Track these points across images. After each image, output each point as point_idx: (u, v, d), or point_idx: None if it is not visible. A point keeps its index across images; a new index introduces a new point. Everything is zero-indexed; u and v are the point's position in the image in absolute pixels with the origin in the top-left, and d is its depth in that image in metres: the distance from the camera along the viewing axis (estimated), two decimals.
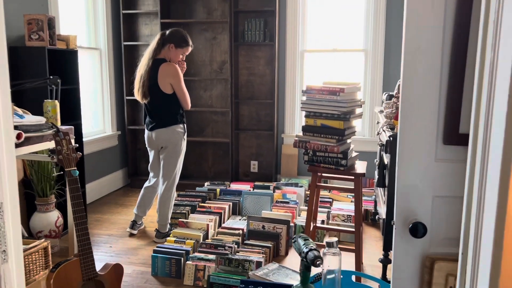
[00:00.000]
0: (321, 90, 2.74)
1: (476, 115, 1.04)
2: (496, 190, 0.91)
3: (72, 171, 1.85)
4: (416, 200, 1.45)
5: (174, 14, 4.82)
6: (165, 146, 3.36)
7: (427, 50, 1.36)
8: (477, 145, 1.02)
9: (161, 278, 2.93)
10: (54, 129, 1.95)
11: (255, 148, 4.92)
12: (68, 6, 4.12)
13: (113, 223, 3.91)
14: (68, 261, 1.83)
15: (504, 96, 0.87)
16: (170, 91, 3.27)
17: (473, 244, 1.03)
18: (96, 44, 4.58)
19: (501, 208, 0.89)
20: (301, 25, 4.69)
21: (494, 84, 0.93)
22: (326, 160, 2.78)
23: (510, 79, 0.86)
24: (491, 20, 0.96)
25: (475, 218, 1.02)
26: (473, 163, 1.04)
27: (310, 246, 1.41)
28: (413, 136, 1.41)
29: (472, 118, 1.06)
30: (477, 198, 1.01)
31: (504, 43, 0.90)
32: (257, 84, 4.81)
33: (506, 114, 0.87)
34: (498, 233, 0.91)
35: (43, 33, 3.30)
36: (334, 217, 3.73)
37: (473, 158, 1.05)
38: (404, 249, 1.49)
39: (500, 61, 0.91)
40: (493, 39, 0.94)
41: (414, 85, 1.37)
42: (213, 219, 3.54)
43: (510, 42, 0.86)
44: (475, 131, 1.04)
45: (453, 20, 1.31)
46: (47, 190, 3.16)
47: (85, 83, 4.33)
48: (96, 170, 4.53)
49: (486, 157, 0.97)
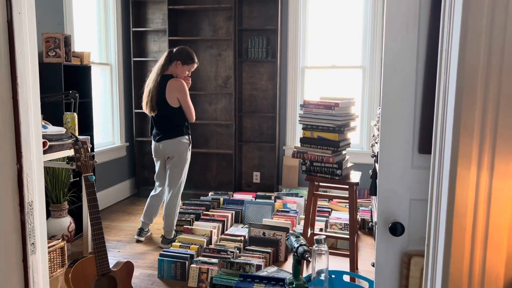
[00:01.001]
0: (317, 104, 2.94)
1: (435, 128, 1.23)
2: (447, 192, 1.10)
3: (89, 176, 2.05)
4: (395, 203, 1.63)
5: (181, 32, 5.08)
6: (171, 156, 3.57)
7: (403, 71, 1.55)
8: (436, 154, 1.22)
9: (167, 280, 3.10)
10: (73, 138, 2.16)
11: (257, 160, 5.12)
12: (82, 24, 4.38)
13: (121, 229, 4.11)
14: (84, 257, 2.02)
15: (451, 112, 1.07)
16: (177, 104, 3.50)
17: (433, 236, 1.22)
18: (107, 59, 4.84)
19: (450, 205, 1.09)
20: (302, 42, 4.92)
21: (447, 101, 1.13)
22: (323, 170, 2.97)
23: (455, 98, 1.06)
24: (444, 48, 1.17)
25: (434, 215, 1.21)
26: (433, 170, 1.24)
27: (301, 242, 1.60)
28: (392, 146, 1.60)
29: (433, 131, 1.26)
30: (436, 199, 1.21)
31: (453, 68, 1.10)
32: (259, 98, 5.04)
33: (452, 127, 1.06)
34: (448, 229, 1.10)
35: (59, 50, 3.55)
36: (332, 225, 3.90)
37: (433, 165, 1.24)
38: (385, 246, 1.67)
39: (451, 82, 1.11)
40: (445, 63, 1.15)
41: (392, 102, 1.57)
42: (217, 226, 3.72)
43: (455, 68, 1.06)
44: (435, 142, 1.24)
45: (426, 44, 1.50)
46: (60, 197, 3.36)
47: (96, 97, 4.56)
48: (106, 180, 4.73)
49: (441, 164, 1.16)
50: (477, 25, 1.01)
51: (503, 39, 0.99)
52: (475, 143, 1.04)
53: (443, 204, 1.15)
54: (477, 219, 1.06)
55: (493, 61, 1.01)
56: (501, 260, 1.06)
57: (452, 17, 1.09)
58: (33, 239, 1.56)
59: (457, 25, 1.05)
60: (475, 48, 1.02)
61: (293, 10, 4.83)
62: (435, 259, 1.20)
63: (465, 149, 1.05)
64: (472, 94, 1.03)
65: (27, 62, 1.46)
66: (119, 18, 4.89)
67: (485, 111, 1.03)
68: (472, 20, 1.01)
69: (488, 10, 1.00)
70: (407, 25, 1.54)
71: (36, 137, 1.57)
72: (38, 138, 1.61)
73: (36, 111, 1.58)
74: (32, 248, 1.57)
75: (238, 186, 5.11)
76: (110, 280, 2.06)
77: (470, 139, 1.04)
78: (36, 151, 1.56)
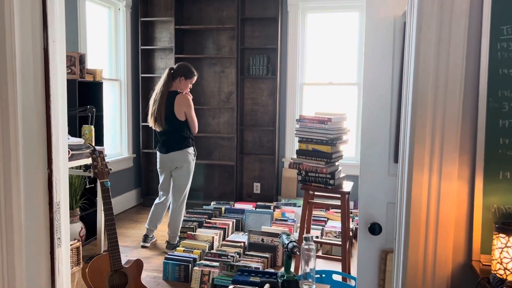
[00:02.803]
0: (312, 119, 3.20)
1: (401, 141, 1.48)
2: (405, 193, 1.34)
3: (105, 182, 2.30)
4: (374, 206, 1.87)
5: (187, 50, 5.38)
6: (179, 166, 3.83)
7: (380, 92, 1.80)
8: (399, 163, 1.46)
9: (171, 282, 3.33)
10: (91, 148, 2.42)
11: (258, 171, 5.37)
12: (94, 42, 4.68)
13: (128, 236, 4.34)
14: (99, 255, 2.26)
15: (408, 128, 1.33)
16: (184, 118, 3.77)
17: (398, 231, 1.46)
18: (117, 75, 5.13)
19: (408, 203, 1.33)
20: (300, 61, 5.21)
21: (406, 119, 1.38)
22: (317, 180, 3.21)
23: (410, 117, 1.31)
24: (404, 78, 1.42)
25: (399, 213, 1.45)
26: (398, 176, 1.48)
27: (291, 239, 1.84)
28: (371, 156, 1.84)
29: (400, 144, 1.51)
30: (399, 199, 1.45)
31: (410, 94, 1.35)
32: (260, 113, 5.30)
33: (409, 139, 1.31)
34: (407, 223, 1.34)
35: (75, 67, 3.83)
36: (327, 233, 4.12)
37: (398, 172, 1.49)
38: (365, 244, 1.90)
39: (408, 104, 1.36)
40: (405, 90, 1.40)
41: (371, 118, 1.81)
42: (218, 233, 3.95)
43: (410, 94, 1.32)
44: (400, 153, 1.48)
45: (399, 70, 1.75)
46: (73, 203, 3.61)
47: (106, 110, 4.84)
48: (113, 189, 4.97)
49: (403, 170, 1.41)
50: (426, 57, 1.27)
51: (446, 70, 1.25)
52: (427, 152, 1.29)
53: (404, 203, 1.39)
54: (429, 214, 1.31)
55: (440, 88, 1.26)
56: (449, 247, 1.30)
57: (410, 52, 1.35)
58: (59, 234, 1.81)
59: (412, 60, 1.31)
60: (425, 77, 1.27)
61: (292, 30, 5.13)
62: (399, 249, 1.44)
63: (418, 157, 1.30)
64: (423, 114, 1.29)
65: (58, 82, 1.72)
66: (129, 37, 5.19)
67: (434, 126, 1.28)
68: (423, 53, 1.27)
69: (435, 45, 1.25)
70: (383, 54, 1.80)
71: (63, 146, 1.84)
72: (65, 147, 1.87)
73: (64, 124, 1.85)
74: (58, 242, 1.82)
75: (239, 196, 5.35)
76: (122, 275, 2.30)
77: (422, 149, 1.29)
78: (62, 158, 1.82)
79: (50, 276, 1.81)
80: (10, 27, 1.52)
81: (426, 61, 1.26)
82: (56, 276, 1.81)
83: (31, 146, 1.61)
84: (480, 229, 1.24)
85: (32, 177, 1.64)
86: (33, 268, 1.71)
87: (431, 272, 1.32)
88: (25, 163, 1.59)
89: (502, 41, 1.19)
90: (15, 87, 1.54)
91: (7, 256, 1.65)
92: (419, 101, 1.29)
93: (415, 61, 1.28)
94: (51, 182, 1.73)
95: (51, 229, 1.77)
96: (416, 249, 1.33)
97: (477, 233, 1.25)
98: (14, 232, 1.64)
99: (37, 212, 1.69)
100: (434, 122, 1.28)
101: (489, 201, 1.23)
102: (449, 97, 1.26)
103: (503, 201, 1.21)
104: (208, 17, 5.28)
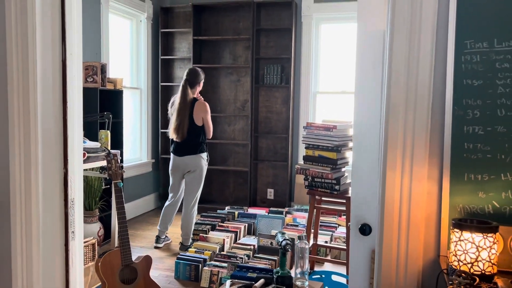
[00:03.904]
0: (318, 126, 3.32)
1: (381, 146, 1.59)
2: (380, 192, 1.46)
3: (118, 183, 2.48)
4: (365, 208, 1.97)
5: (204, 60, 5.58)
6: (193, 170, 4.01)
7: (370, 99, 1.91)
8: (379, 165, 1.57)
9: (182, 281, 3.48)
10: (106, 151, 2.61)
11: (271, 177, 5.50)
12: (117, 52, 4.94)
13: (144, 237, 4.53)
14: (111, 250, 2.43)
15: (383, 132, 1.44)
16: (201, 123, 3.99)
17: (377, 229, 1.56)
18: (137, 84, 5.38)
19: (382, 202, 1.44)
20: (314, 70, 5.33)
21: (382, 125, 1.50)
22: (323, 185, 3.32)
23: (384, 123, 1.42)
24: (383, 89, 1.54)
25: (378, 212, 1.56)
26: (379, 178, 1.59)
27: (285, 237, 1.97)
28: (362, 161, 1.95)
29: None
30: (378, 200, 1.56)
31: (385, 103, 1.47)
32: (274, 120, 5.45)
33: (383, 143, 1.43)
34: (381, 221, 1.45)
35: (96, 76, 4.08)
36: (336, 238, 4.21)
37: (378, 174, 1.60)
38: (356, 244, 1.99)
39: (384, 112, 1.48)
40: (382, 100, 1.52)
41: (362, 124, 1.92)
42: (230, 236, 4.09)
43: (384, 103, 1.43)
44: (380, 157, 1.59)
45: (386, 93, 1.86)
46: (92, 204, 3.83)
47: (127, 117, 5.08)
48: (133, 193, 5.20)
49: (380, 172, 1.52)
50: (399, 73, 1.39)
51: (415, 84, 1.37)
52: (399, 154, 1.41)
53: (379, 202, 1.50)
54: (402, 212, 1.42)
55: (410, 100, 1.38)
56: (420, 244, 1.41)
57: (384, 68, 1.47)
58: (73, 228, 1.99)
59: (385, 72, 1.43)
60: (397, 90, 1.39)
61: (306, 40, 5.27)
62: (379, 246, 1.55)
63: (391, 159, 1.42)
64: (395, 121, 1.41)
65: (75, 90, 1.91)
66: (150, 47, 5.44)
67: (405, 132, 1.40)
68: (395, 66, 1.39)
69: (405, 60, 1.37)
70: (373, 64, 1.91)
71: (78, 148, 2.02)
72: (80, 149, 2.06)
73: (79, 128, 2.04)
74: (72, 236, 2.00)
75: (253, 201, 5.48)
76: (132, 270, 2.46)
77: (395, 151, 1.41)
78: (77, 159, 2.01)
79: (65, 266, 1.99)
80: (32, 42, 1.72)
81: (398, 76, 1.39)
82: (70, 267, 1.99)
83: (49, 147, 1.80)
84: (447, 227, 1.34)
85: (49, 175, 1.83)
86: (49, 259, 1.89)
87: (403, 267, 1.43)
88: (43, 162, 1.78)
89: (466, 54, 1.30)
90: (35, 94, 1.74)
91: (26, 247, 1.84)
92: (391, 111, 1.41)
93: (388, 75, 1.40)
94: (67, 180, 1.91)
95: (65, 223, 1.95)
96: (390, 245, 1.44)
97: (444, 231, 1.35)
98: (33, 225, 1.83)
99: (53, 207, 1.87)
100: (405, 128, 1.39)
101: (455, 201, 1.33)
102: (418, 107, 1.37)
103: (467, 201, 1.31)
104: (225, 28, 5.48)
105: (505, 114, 1.26)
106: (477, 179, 1.29)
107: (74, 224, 2.00)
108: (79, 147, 2.05)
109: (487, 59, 1.26)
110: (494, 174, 1.27)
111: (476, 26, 1.28)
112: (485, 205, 1.28)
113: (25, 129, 1.76)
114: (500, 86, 1.26)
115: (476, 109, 1.28)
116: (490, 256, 1.10)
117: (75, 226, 2.00)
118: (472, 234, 1.12)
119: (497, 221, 1.21)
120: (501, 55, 1.25)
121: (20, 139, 1.77)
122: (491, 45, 1.26)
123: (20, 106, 1.74)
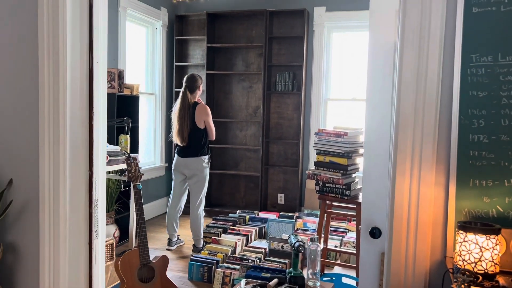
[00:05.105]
0: (329, 133, 3.41)
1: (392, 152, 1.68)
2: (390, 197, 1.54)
3: (137, 185, 2.59)
4: (375, 212, 2.05)
5: (217, 66, 5.71)
6: (194, 174, 4.14)
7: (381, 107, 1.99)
8: (389, 172, 1.66)
9: (195, 282, 3.58)
10: (126, 155, 2.72)
11: (282, 182, 5.58)
12: (133, 59, 5.09)
13: (157, 239, 4.64)
14: (130, 250, 2.54)
15: (393, 140, 1.53)
16: (203, 126, 4.13)
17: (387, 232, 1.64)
18: (152, 90, 5.51)
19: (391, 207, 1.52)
20: (325, 77, 5.42)
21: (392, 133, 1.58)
22: (333, 190, 3.40)
23: (394, 131, 1.51)
24: (394, 100, 1.63)
25: (387, 216, 1.64)
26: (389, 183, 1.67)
27: (298, 239, 2.05)
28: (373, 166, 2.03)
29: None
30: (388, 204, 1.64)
31: (395, 112, 1.55)
32: (285, 126, 5.54)
33: (393, 150, 1.51)
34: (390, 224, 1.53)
35: (114, 82, 4.21)
36: (346, 243, 4.27)
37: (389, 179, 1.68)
38: (366, 247, 2.07)
39: (394, 121, 1.56)
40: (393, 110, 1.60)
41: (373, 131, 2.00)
42: (241, 239, 4.18)
43: (394, 113, 1.52)
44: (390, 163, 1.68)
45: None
46: (109, 206, 3.94)
47: (142, 121, 5.21)
48: (146, 196, 5.32)
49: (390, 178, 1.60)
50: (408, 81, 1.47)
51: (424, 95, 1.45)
52: (408, 161, 1.49)
53: (388, 206, 1.58)
54: (410, 216, 1.50)
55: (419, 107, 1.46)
56: (427, 246, 1.49)
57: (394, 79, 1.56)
58: (97, 227, 2.10)
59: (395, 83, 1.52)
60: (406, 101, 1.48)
61: (318, 48, 5.36)
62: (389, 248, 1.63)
63: (401, 165, 1.50)
64: (405, 130, 1.49)
65: (100, 97, 2.03)
66: (165, 54, 5.58)
67: (414, 140, 1.48)
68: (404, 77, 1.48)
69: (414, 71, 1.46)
70: (384, 73, 2.00)
71: (102, 152, 2.13)
72: (104, 152, 2.17)
73: (103, 133, 2.15)
74: (96, 234, 2.11)
75: (263, 206, 5.57)
76: (149, 269, 2.56)
77: (404, 158, 1.49)
78: (101, 162, 2.12)
79: (88, 263, 2.09)
80: (63, 51, 1.84)
81: (408, 87, 1.47)
82: (93, 264, 2.10)
83: (76, 150, 1.92)
84: (453, 230, 1.42)
85: (76, 177, 1.94)
86: (74, 256, 2.00)
87: (411, 268, 1.50)
88: (70, 164, 1.90)
89: (472, 67, 1.38)
90: (65, 101, 1.86)
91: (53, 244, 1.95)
92: (401, 120, 1.49)
93: (398, 86, 1.49)
94: (91, 182, 2.02)
95: (90, 222, 2.06)
96: (399, 247, 1.52)
97: (450, 234, 1.43)
98: (60, 224, 1.94)
99: (79, 208, 1.98)
100: (414, 137, 1.48)
101: (461, 205, 1.41)
102: (426, 117, 1.46)
103: (473, 206, 1.39)
104: (238, 36, 5.60)
105: (508, 123, 1.34)
106: (482, 185, 1.37)
107: (98, 224, 2.11)
108: (103, 151, 2.16)
109: (492, 72, 1.35)
110: (498, 180, 1.35)
111: (481, 41, 1.36)
112: (489, 210, 1.36)
113: (54, 132, 1.88)
114: (504, 98, 1.34)
115: (481, 118, 1.37)
116: (493, 256, 1.18)
117: (98, 225, 2.11)
118: (475, 236, 1.20)
119: (500, 225, 1.28)
120: (504, 68, 1.34)
121: (50, 142, 1.88)
122: (495, 59, 1.34)
123: (50, 111, 1.85)
